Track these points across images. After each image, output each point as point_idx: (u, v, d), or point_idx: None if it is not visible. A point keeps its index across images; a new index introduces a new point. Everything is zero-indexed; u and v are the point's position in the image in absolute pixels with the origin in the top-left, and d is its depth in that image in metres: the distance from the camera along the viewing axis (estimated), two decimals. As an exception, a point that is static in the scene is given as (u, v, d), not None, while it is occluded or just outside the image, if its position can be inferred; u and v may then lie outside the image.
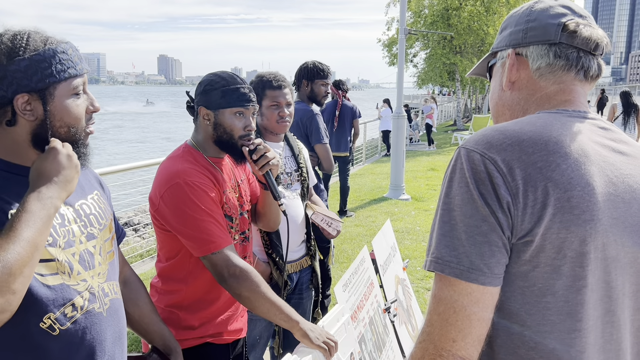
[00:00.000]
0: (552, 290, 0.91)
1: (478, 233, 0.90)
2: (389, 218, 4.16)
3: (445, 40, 25.26)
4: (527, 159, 0.91)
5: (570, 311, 0.91)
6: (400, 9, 9.66)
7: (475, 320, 0.90)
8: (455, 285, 0.91)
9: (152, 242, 6.50)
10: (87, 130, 1.31)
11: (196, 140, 1.91)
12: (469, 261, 0.90)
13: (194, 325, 1.89)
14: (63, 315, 1.20)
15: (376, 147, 17.12)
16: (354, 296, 1.95)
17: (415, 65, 29.63)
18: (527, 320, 0.93)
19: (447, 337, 0.91)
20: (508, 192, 0.89)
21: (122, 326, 1.40)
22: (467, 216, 0.91)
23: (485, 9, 23.57)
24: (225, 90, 1.81)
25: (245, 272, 1.73)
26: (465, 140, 0.98)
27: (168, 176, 1.78)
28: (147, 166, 5.65)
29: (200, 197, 1.74)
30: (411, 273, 5.00)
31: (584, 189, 0.91)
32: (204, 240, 1.73)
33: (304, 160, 2.72)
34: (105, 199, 1.49)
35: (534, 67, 1.07)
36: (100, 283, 1.31)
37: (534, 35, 1.06)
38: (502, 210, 0.89)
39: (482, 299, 0.90)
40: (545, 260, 0.90)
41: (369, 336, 1.97)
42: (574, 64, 1.04)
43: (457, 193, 0.93)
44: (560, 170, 0.90)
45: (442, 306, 0.92)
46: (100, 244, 1.35)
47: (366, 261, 2.23)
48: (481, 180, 0.91)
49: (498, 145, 0.93)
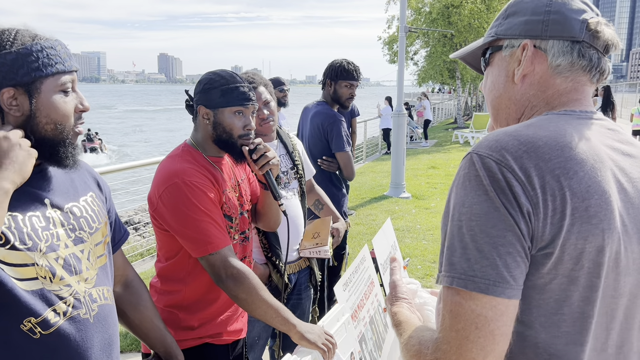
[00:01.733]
0: (568, 302, 0.87)
1: (502, 244, 0.84)
2: (390, 216, 4.15)
3: (445, 38, 25.22)
4: (545, 166, 0.86)
5: (584, 322, 0.89)
6: (401, 6, 9.63)
7: (499, 336, 0.84)
8: (479, 300, 0.84)
9: (153, 241, 6.50)
10: (76, 129, 1.28)
11: (195, 140, 1.89)
12: (495, 274, 0.84)
13: (194, 325, 1.88)
14: (45, 320, 1.17)
15: (376, 145, 17.11)
16: (354, 295, 1.95)
17: (416, 63, 29.60)
18: (541, 331, 0.89)
19: (466, 357, 0.84)
20: (528, 202, 0.85)
21: (113, 333, 1.36)
22: (489, 226, 0.85)
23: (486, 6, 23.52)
24: (224, 89, 1.79)
25: (243, 273, 1.72)
26: (475, 145, 0.92)
27: (166, 176, 1.77)
28: (147, 165, 5.65)
29: (199, 197, 1.73)
30: (412, 271, 5.00)
31: (601, 197, 0.87)
32: (201, 241, 1.72)
33: (299, 156, 2.69)
34: (102, 201, 1.45)
35: (553, 63, 1.00)
36: (87, 288, 1.28)
37: (555, 29, 0.98)
38: (524, 220, 0.85)
39: (507, 312, 0.85)
40: (563, 272, 0.86)
41: (369, 335, 1.97)
42: (595, 65, 0.99)
43: (475, 202, 0.87)
44: (577, 178, 0.87)
45: (462, 322, 0.85)
46: (90, 248, 1.32)
47: (366, 260, 2.22)
48: (501, 188, 0.85)
49: (514, 152, 0.87)
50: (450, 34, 24.01)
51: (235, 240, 1.92)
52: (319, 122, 3.57)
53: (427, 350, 0.91)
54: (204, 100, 1.82)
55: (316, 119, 3.58)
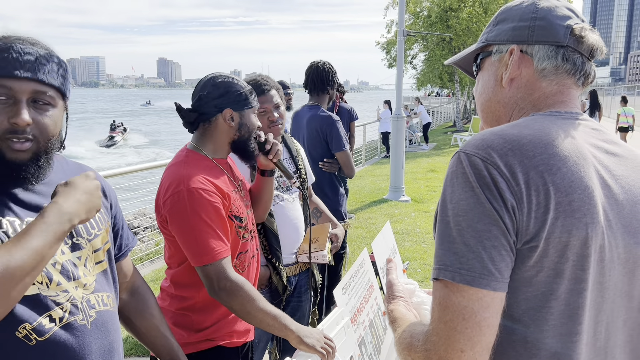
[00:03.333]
0: (555, 295, 0.90)
1: (487, 237, 0.88)
2: (389, 220, 4.15)
3: (444, 42, 25.28)
4: (529, 162, 0.90)
5: (572, 314, 0.91)
6: (399, 10, 9.67)
7: (486, 327, 0.88)
8: (465, 292, 0.88)
9: (152, 245, 6.49)
10: (12, 146, 1.15)
11: (202, 144, 1.90)
12: (481, 266, 0.87)
13: (207, 326, 1.90)
14: (40, 326, 1.15)
15: (376, 148, 17.13)
16: (354, 299, 1.95)
17: (415, 67, 29.66)
18: (530, 325, 0.92)
19: (454, 348, 0.88)
20: (513, 197, 0.88)
21: (114, 339, 1.33)
22: (475, 221, 0.89)
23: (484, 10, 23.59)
24: (245, 92, 1.90)
25: (237, 285, 1.73)
26: (463, 144, 0.96)
27: (171, 183, 1.78)
28: (146, 169, 5.66)
29: (201, 206, 1.73)
30: (411, 275, 5.00)
31: (584, 192, 0.90)
32: (198, 252, 1.73)
33: (302, 160, 2.73)
34: (105, 207, 1.43)
35: (539, 67, 1.05)
36: (85, 294, 1.26)
37: (541, 35, 1.04)
38: (509, 214, 0.88)
39: (493, 304, 0.88)
40: (549, 265, 0.89)
41: (369, 339, 1.97)
42: (579, 69, 1.04)
43: (462, 198, 0.91)
44: (561, 173, 0.90)
45: (450, 314, 0.89)
46: (87, 254, 1.30)
47: (366, 263, 2.22)
48: (486, 184, 0.89)
49: (499, 150, 0.91)
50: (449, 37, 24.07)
51: (245, 239, 1.94)
52: (317, 125, 3.61)
53: (417, 342, 0.94)
54: (230, 103, 1.87)
55: (313, 123, 3.62)
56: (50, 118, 1.20)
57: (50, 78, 1.18)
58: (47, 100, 1.19)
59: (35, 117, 1.16)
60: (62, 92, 1.23)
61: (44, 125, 1.19)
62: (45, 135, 1.19)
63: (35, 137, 1.17)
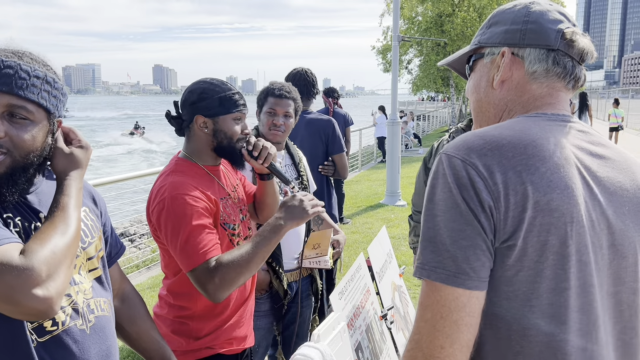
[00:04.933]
0: (536, 294, 0.91)
1: (462, 237, 0.90)
2: (385, 224, 4.16)
3: (439, 47, 25.40)
4: (507, 163, 0.91)
5: (554, 314, 0.91)
6: (393, 16, 9.72)
7: (463, 326, 0.90)
8: (442, 291, 0.91)
9: (148, 252, 6.48)
10: None
11: (189, 151, 1.89)
12: (455, 265, 0.90)
13: (205, 334, 1.88)
14: (41, 328, 1.17)
15: (372, 153, 17.15)
16: (350, 304, 1.95)
17: (410, 72, 29.77)
18: (513, 325, 0.93)
19: (435, 344, 0.91)
20: (490, 196, 0.90)
21: (111, 344, 1.35)
22: (450, 221, 0.91)
23: (478, 14, 23.74)
24: (222, 97, 1.82)
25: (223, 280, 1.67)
26: (446, 145, 0.99)
27: (158, 192, 1.78)
28: (142, 176, 5.65)
29: (185, 211, 1.71)
30: (408, 279, 5.00)
31: (563, 191, 0.91)
32: (182, 259, 1.71)
33: (304, 168, 2.74)
34: (96, 215, 1.44)
35: (529, 69, 1.06)
36: (86, 299, 1.28)
37: (532, 38, 1.05)
38: (485, 214, 0.90)
39: (469, 303, 0.90)
40: (529, 264, 0.90)
41: (365, 344, 1.96)
42: (569, 73, 1.05)
43: (441, 199, 0.93)
44: (539, 173, 0.91)
45: (430, 313, 0.92)
46: (82, 262, 1.31)
47: (362, 268, 2.22)
48: (463, 185, 0.91)
49: (478, 151, 0.93)
50: (444, 42, 24.18)
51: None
52: (318, 128, 3.66)
53: (408, 342, 0.98)
54: (202, 110, 1.82)
55: (313, 127, 3.65)
56: (28, 133, 1.16)
57: (28, 93, 1.15)
58: (24, 115, 1.15)
59: (9, 131, 1.14)
60: (45, 109, 1.20)
61: (20, 139, 1.15)
62: (21, 150, 1.16)
63: (9, 150, 1.15)
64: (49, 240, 1.08)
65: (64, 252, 1.09)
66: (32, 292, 1.00)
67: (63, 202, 1.18)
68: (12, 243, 1.06)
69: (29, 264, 1.01)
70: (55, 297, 1.04)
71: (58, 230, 1.11)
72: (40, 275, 1.01)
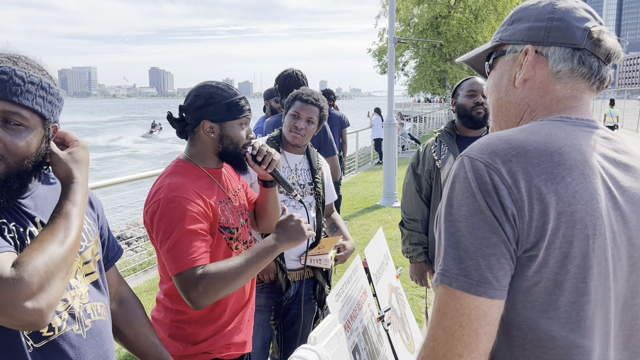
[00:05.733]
0: (554, 306, 0.88)
1: (487, 245, 0.87)
2: (382, 226, 4.16)
3: (435, 48, 25.45)
4: (532, 170, 0.88)
5: (573, 328, 0.89)
6: (389, 17, 9.72)
7: (483, 335, 0.87)
8: (462, 299, 0.87)
9: (145, 255, 6.46)
10: None
11: (192, 154, 1.88)
12: (478, 274, 0.87)
13: (203, 339, 1.87)
14: (37, 334, 1.16)
15: (368, 155, 17.15)
16: (347, 306, 1.95)
17: (406, 74, 29.82)
18: (528, 334, 0.91)
19: (452, 353, 0.88)
20: (514, 205, 0.87)
21: (108, 349, 1.34)
22: (474, 228, 0.88)
23: (474, 16, 23.79)
24: (230, 102, 1.82)
25: (206, 290, 1.66)
26: (468, 147, 0.95)
27: (155, 192, 1.77)
28: (138, 179, 5.64)
29: (178, 214, 1.70)
30: (405, 281, 4.99)
31: (587, 202, 0.88)
32: (169, 262, 1.70)
33: (321, 175, 2.73)
34: (93, 219, 1.44)
35: (554, 69, 1.01)
36: (82, 303, 1.27)
37: (557, 36, 1.00)
38: (509, 222, 0.87)
39: (490, 312, 0.87)
40: (549, 275, 0.88)
41: (362, 346, 1.97)
42: (595, 73, 1.01)
43: (463, 204, 0.90)
44: (565, 183, 0.88)
45: (448, 320, 0.89)
46: (78, 266, 1.30)
47: (359, 270, 2.22)
48: (487, 191, 0.88)
49: (503, 156, 0.90)
50: (440, 44, 24.23)
51: (239, 250, 1.91)
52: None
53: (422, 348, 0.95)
54: (209, 115, 1.81)
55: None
56: (22, 139, 1.16)
57: (23, 99, 1.14)
58: (19, 121, 1.15)
59: (3, 137, 1.14)
60: (40, 115, 1.19)
61: (14, 145, 1.15)
62: (16, 157, 1.16)
63: (4, 157, 1.15)
64: (44, 250, 1.07)
65: (59, 262, 1.07)
66: (22, 304, 0.99)
67: (67, 209, 1.16)
68: (5, 252, 1.05)
69: (19, 276, 1.00)
70: (46, 309, 1.03)
71: (57, 238, 1.10)
72: (30, 287, 1.00)
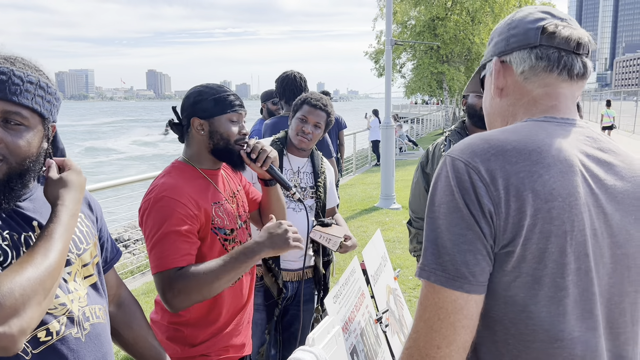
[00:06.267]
0: (534, 301, 0.91)
1: (463, 241, 0.91)
2: (380, 227, 4.16)
3: (432, 50, 25.50)
4: (510, 168, 0.92)
5: (553, 322, 0.91)
6: (386, 20, 9.73)
7: (460, 328, 0.91)
8: (440, 293, 0.92)
9: (143, 258, 6.45)
10: None
11: (188, 155, 1.89)
12: (454, 269, 0.91)
13: (200, 341, 1.87)
14: (35, 339, 1.15)
15: (366, 157, 17.18)
16: (345, 307, 1.95)
17: (403, 76, 29.85)
18: (510, 329, 0.93)
19: (431, 344, 0.93)
20: (491, 202, 0.90)
21: (107, 351, 1.34)
22: (452, 224, 0.92)
23: (471, 18, 23.86)
24: (217, 98, 1.82)
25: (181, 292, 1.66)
26: (452, 148, 1.00)
27: (147, 193, 1.79)
28: (136, 182, 5.63)
29: (166, 214, 1.70)
30: (403, 282, 5.00)
31: (565, 200, 0.91)
32: (151, 261, 1.71)
33: (324, 179, 2.73)
34: (91, 221, 1.43)
35: (518, 71, 1.08)
36: (81, 307, 1.27)
37: (515, 41, 1.08)
38: (485, 219, 0.90)
39: (467, 306, 0.91)
40: (527, 270, 0.90)
41: (360, 347, 1.97)
42: (555, 63, 1.04)
43: (443, 201, 0.94)
44: (542, 180, 0.91)
45: (428, 313, 0.94)
46: (77, 269, 1.30)
47: (357, 272, 2.23)
48: (465, 189, 0.92)
49: (482, 155, 0.94)
50: (437, 46, 24.27)
51: None
52: None
53: (407, 340, 1.01)
54: (198, 112, 1.83)
55: None
56: (23, 139, 1.16)
57: (22, 99, 1.15)
58: (19, 120, 1.15)
59: (4, 137, 1.14)
60: (39, 114, 1.20)
61: (15, 145, 1.15)
62: (17, 156, 1.16)
63: (5, 157, 1.15)
64: (21, 272, 1.04)
65: (35, 286, 1.04)
66: None
67: (49, 230, 1.13)
68: None
69: None
70: (18, 334, 1.00)
71: (34, 261, 1.07)
72: (2, 310, 0.98)
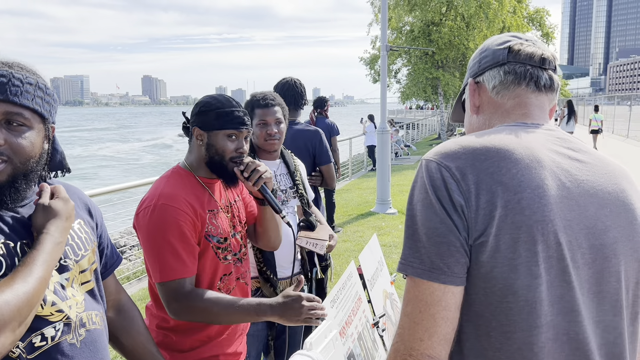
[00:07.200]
0: (512, 290, 0.95)
1: (436, 235, 0.97)
2: (376, 232, 4.17)
3: (427, 56, 25.58)
4: (480, 165, 0.99)
5: (530, 310, 0.95)
6: (381, 25, 9.78)
7: (440, 319, 0.96)
8: (419, 285, 0.98)
9: (139, 264, 6.44)
10: None
11: (189, 161, 1.91)
12: (430, 261, 0.97)
13: (188, 348, 1.87)
14: (30, 344, 1.16)
15: (362, 162, 17.20)
16: (342, 312, 1.96)
17: (399, 81, 29.92)
18: (492, 321, 0.97)
19: (415, 337, 0.98)
20: (461, 196, 0.97)
21: (102, 357, 1.34)
22: (427, 220, 0.99)
23: (466, 24, 23.96)
24: (220, 112, 1.82)
25: (187, 307, 1.71)
26: (428, 152, 1.08)
27: (145, 199, 1.80)
28: (132, 187, 5.63)
29: (165, 223, 1.72)
30: (399, 287, 5.00)
31: (534, 191, 0.97)
32: (156, 268, 1.73)
33: (300, 176, 2.74)
34: (91, 227, 1.44)
35: (490, 87, 1.19)
36: (78, 313, 1.27)
37: (486, 62, 1.20)
38: (457, 213, 0.97)
39: (444, 298, 0.97)
40: (502, 260, 0.95)
41: (357, 352, 1.97)
42: (522, 76, 1.15)
43: (419, 199, 1.02)
44: (510, 174, 0.97)
45: (410, 307, 1.00)
46: (75, 275, 1.31)
47: (353, 276, 2.23)
48: (437, 186, 0.99)
49: (453, 154, 1.02)
50: (432, 51, 24.37)
51: (228, 261, 1.91)
52: (305, 140, 3.69)
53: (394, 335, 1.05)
54: (199, 122, 1.84)
55: (300, 138, 3.68)
56: (26, 139, 1.18)
57: (23, 100, 1.16)
58: (21, 121, 1.17)
59: (8, 138, 1.15)
60: (40, 115, 1.21)
61: (19, 146, 1.17)
62: (21, 157, 1.17)
63: (10, 158, 1.16)
64: None
65: (10, 313, 1.03)
66: None
67: (31, 257, 1.13)
68: None
69: None
70: None
71: (13, 288, 1.06)
72: None
